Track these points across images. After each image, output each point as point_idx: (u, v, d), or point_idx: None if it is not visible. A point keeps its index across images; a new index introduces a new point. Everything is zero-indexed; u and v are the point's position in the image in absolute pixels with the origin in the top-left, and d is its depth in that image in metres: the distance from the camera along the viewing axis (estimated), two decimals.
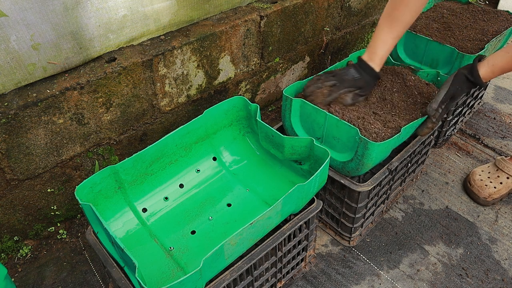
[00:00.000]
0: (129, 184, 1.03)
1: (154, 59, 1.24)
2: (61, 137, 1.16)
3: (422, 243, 1.31)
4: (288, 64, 1.74)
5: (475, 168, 1.51)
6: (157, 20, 1.28)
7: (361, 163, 1.08)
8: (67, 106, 1.12)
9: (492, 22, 1.64)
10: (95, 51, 1.18)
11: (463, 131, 1.74)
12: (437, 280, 1.20)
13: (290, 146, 1.05)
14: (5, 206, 1.16)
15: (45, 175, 1.19)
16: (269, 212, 0.85)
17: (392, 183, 1.30)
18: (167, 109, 1.38)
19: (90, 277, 1.21)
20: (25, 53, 1.04)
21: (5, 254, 1.23)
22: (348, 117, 1.14)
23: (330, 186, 1.22)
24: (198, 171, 1.16)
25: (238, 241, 0.83)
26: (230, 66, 1.50)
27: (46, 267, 1.23)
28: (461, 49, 1.47)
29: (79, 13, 1.09)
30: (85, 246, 1.29)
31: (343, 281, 1.20)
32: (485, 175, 1.45)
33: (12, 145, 1.07)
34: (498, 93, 1.98)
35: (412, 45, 1.51)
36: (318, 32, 1.77)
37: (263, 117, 1.79)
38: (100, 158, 1.29)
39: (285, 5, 1.54)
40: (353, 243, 1.30)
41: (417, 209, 1.42)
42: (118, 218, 1.03)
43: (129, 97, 1.24)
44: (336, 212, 1.27)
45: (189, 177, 1.15)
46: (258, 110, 1.10)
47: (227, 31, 1.39)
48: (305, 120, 1.21)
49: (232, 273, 0.89)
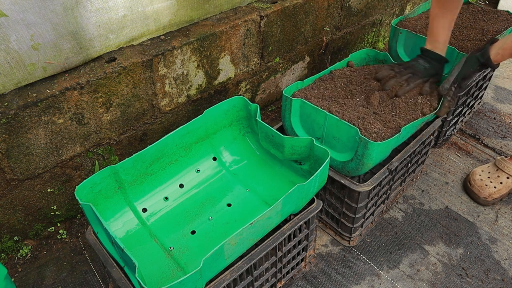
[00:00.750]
0: (129, 184, 1.03)
1: (154, 59, 1.24)
2: (61, 137, 1.16)
3: (422, 243, 1.31)
4: (288, 64, 1.74)
5: (475, 168, 1.51)
6: (157, 20, 1.28)
7: (361, 163, 1.08)
8: (67, 106, 1.12)
9: (492, 22, 1.64)
10: (95, 51, 1.18)
11: (463, 131, 1.74)
12: (437, 280, 1.20)
13: (290, 146, 1.05)
14: (5, 206, 1.16)
15: (45, 175, 1.19)
16: (269, 212, 0.85)
17: (392, 183, 1.30)
18: (167, 109, 1.38)
19: (90, 277, 1.21)
20: (25, 53, 1.04)
21: (5, 254, 1.23)
22: (348, 117, 1.14)
23: (330, 186, 1.22)
24: (198, 171, 1.16)
25: (238, 241, 0.83)
26: (230, 66, 1.50)
27: (46, 267, 1.23)
28: (461, 49, 1.47)
29: (79, 13, 1.09)
30: (85, 246, 1.29)
31: (343, 281, 1.20)
32: (485, 175, 1.45)
33: (12, 145, 1.07)
34: (498, 93, 1.98)
35: (412, 45, 1.51)
36: (318, 32, 1.77)
37: (263, 117, 1.79)
38: (100, 158, 1.29)
39: (285, 5, 1.54)
40: (353, 243, 1.30)
41: (417, 209, 1.42)
42: (118, 218, 1.03)
43: (129, 97, 1.24)
44: (336, 212, 1.27)
45: (189, 177, 1.15)
46: (258, 110, 1.10)
47: (227, 31, 1.39)
48: (305, 120, 1.21)
49: (232, 273, 0.89)
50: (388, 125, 1.16)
